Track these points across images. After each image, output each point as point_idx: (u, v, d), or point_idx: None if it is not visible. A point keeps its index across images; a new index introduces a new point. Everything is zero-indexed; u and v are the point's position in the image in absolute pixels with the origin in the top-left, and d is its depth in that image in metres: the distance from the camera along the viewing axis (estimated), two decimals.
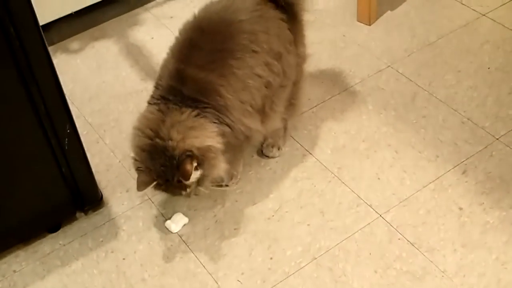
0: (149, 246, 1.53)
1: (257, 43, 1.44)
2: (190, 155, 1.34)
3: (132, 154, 1.42)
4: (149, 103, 1.46)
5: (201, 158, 1.36)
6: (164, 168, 1.36)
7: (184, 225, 1.56)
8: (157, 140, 1.36)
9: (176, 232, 1.55)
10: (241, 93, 1.43)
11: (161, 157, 1.35)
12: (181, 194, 1.42)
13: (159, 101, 1.42)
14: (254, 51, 1.44)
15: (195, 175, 1.37)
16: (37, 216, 1.51)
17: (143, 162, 1.38)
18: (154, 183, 1.39)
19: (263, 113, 1.49)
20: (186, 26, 1.49)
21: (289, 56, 1.53)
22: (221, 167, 1.41)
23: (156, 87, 1.46)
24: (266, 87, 1.47)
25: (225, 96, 1.40)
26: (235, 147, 1.46)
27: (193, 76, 1.39)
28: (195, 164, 1.35)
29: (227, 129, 1.42)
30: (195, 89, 1.39)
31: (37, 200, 1.48)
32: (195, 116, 1.38)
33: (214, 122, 1.40)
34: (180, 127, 1.36)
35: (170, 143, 1.35)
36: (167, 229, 1.55)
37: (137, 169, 1.41)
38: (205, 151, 1.36)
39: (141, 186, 1.40)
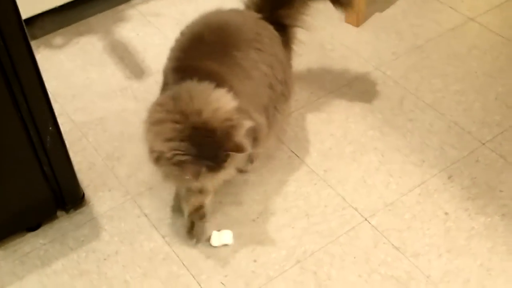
0: (131, 247, 1.51)
1: (261, 43, 1.44)
2: (233, 125, 1.26)
3: (164, 149, 1.26)
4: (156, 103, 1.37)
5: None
6: (210, 148, 1.25)
7: (225, 245, 1.49)
8: (192, 120, 1.24)
9: (216, 246, 1.49)
10: (246, 83, 1.39)
11: (203, 136, 1.24)
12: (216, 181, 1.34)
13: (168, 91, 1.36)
14: (258, 49, 1.42)
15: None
16: (17, 214, 1.48)
17: (187, 152, 1.24)
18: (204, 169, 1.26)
19: (267, 119, 1.46)
20: (191, 23, 1.48)
21: (289, 68, 1.53)
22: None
23: (165, 84, 1.44)
24: (269, 88, 1.45)
25: (231, 84, 1.34)
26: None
27: (194, 67, 1.36)
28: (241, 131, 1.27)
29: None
30: (200, 79, 1.32)
31: (17, 198, 1.45)
32: (214, 88, 1.30)
33: None
34: (207, 98, 1.27)
35: (205, 115, 1.24)
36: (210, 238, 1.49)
37: (182, 162, 1.25)
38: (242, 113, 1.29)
39: (196, 175, 1.25)
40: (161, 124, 1.28)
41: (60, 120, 1.40)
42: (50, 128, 1.36)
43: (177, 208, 1.58)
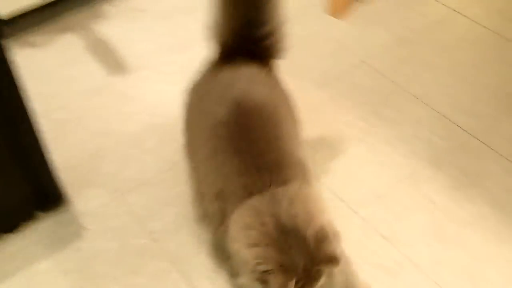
0: (118, 244, 1.48)
1: (287, 102, 1.43)
2: (327, 232, 1.14)
3: (250, 258, 1.12)
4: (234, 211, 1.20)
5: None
6: (300, 258, 1.10)
7: None
8: (283, 224, 1.12)
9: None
10: (298, 150, 1.31)
11: (294, 243, 1.11)
12: None
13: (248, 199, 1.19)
14: (288, 112, 1.40)
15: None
16: None
17: (275, 261, 1.10)
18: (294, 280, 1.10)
19: None
20: (221, 118, 1.28)
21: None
22: None
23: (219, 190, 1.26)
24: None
25: (304, 163, 1.27)
26: None
27: (265, 164, 1.22)
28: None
29: None
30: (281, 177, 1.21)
31: None
32: (310, 191, 1.20)
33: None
34: (297, 202, 1.16)
35: (299, 220, 1.12)
36: None
37: (267, 272, 1.10)
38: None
39: None
40: (249, 228, 1.15)
41: (41, 119, 1.38)
42: (29, 127, 1.33)
43: (165, 204, 1.56)
